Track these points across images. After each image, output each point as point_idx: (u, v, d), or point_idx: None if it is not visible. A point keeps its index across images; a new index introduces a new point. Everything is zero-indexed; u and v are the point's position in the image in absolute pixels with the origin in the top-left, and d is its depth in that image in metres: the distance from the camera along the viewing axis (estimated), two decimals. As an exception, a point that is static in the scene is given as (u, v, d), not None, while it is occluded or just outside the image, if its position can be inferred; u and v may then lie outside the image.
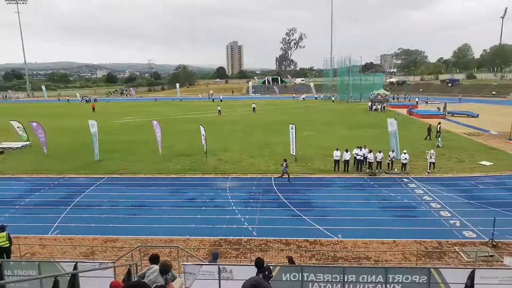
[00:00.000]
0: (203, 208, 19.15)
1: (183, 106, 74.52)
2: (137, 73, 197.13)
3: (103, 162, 28.30)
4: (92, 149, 29.37)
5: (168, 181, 23.78)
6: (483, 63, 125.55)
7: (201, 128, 28.64)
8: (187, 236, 15.87)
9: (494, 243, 14.55)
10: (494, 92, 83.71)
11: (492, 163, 26.18)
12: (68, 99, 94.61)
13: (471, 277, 8.41)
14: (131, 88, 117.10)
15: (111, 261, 11.17)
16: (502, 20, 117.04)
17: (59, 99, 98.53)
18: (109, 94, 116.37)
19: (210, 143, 31.00)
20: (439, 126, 35.60)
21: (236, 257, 14.17)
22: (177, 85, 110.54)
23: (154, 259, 8.01)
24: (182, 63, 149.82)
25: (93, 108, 66.39)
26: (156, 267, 7.53)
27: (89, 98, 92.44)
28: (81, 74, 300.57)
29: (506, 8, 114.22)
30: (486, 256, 13.67)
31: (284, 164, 23.28)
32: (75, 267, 9.06)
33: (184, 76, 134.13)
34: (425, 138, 34.78)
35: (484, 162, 26.44)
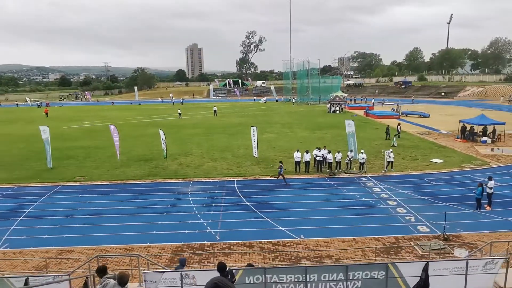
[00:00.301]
0: (164, 214, 18.75)
1: (142, 110, 72.70)
2: (93, 76, 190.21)
3: (57, 170, 26.97)
4: (45, 156, 27.93)
5: (127, 188, 23.05)
6: (432, 66, 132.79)
7: (160, 132, 28.07)
8: (148, 243, 15.46)
9: (445, 236, 15.38)
10: (443, 93, 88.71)
11: (442, 161, 27.69)
12: (17, 104, 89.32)
13: (425, 270, 8.82)
14: (86, 92, 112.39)
15: (67, 274, 10.63)
16: (448, 26, 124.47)
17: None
18: (62, 98, 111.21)
19: (170, 147, 30.47)
20: (399, 127, 37.10)
21: (199, 262, 13.99)
22: (135, 88, 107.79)
23: (103, 271, 7.39)
24: (140, 66, 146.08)
25: (46, 113, 63.17)
26: (112, 281, 6.94)
27: (41, 103, 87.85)
28: (32, 78, 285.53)
29: (452, 14, 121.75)
30: (439, 249, 14.41)
31: (280, 166, 23.31)
32: (26, 282, 8.54)
33: (142, 79, 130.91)
34: (386, 139, 35.80)
35: (435, 160, 27.91)
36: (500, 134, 34.92)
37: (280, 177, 23.21)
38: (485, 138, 34.20)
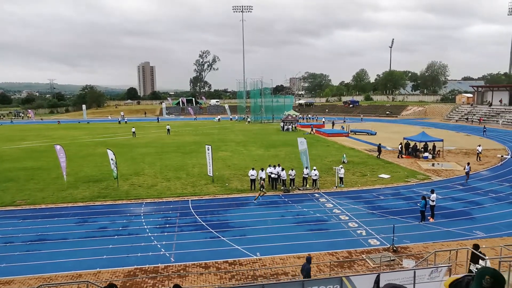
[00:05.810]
0: (115, 237, 17.95)
1: (91, 129, 69.75)
2: (36, 94, 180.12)
3: (-6, 194, 24.99)
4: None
5: (74, 210, 21.83)
6: (378, 86, 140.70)
7: (109, 151, 27.04)
8: (98, 269, 14.68)
9: (394, 248, 16.11)
10: (387, 112, 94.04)
11: (389, 176, 29.15)
12: None
13: (377, 281, 9.18)
14: (29, 110, 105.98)
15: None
16: (391, 50, 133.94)
17: None
18: (1, 117, 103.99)
19: (121, 167, 29.46)
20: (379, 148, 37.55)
21: (153, 286, 13.50)
22: (84, 106, 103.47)
23: None
24: (89, 84, 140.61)
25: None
26: None
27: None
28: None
29: (393, 39, 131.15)
30: (389, 260, 15.05)
31: (468, 167, 26.14)
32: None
33: (91, 97, 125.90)
34: (378, 157, 36.41)
35: (383, 175, 29.32)
36: (439, 150, 37.52)
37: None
38: (426, 154, 36.53)
